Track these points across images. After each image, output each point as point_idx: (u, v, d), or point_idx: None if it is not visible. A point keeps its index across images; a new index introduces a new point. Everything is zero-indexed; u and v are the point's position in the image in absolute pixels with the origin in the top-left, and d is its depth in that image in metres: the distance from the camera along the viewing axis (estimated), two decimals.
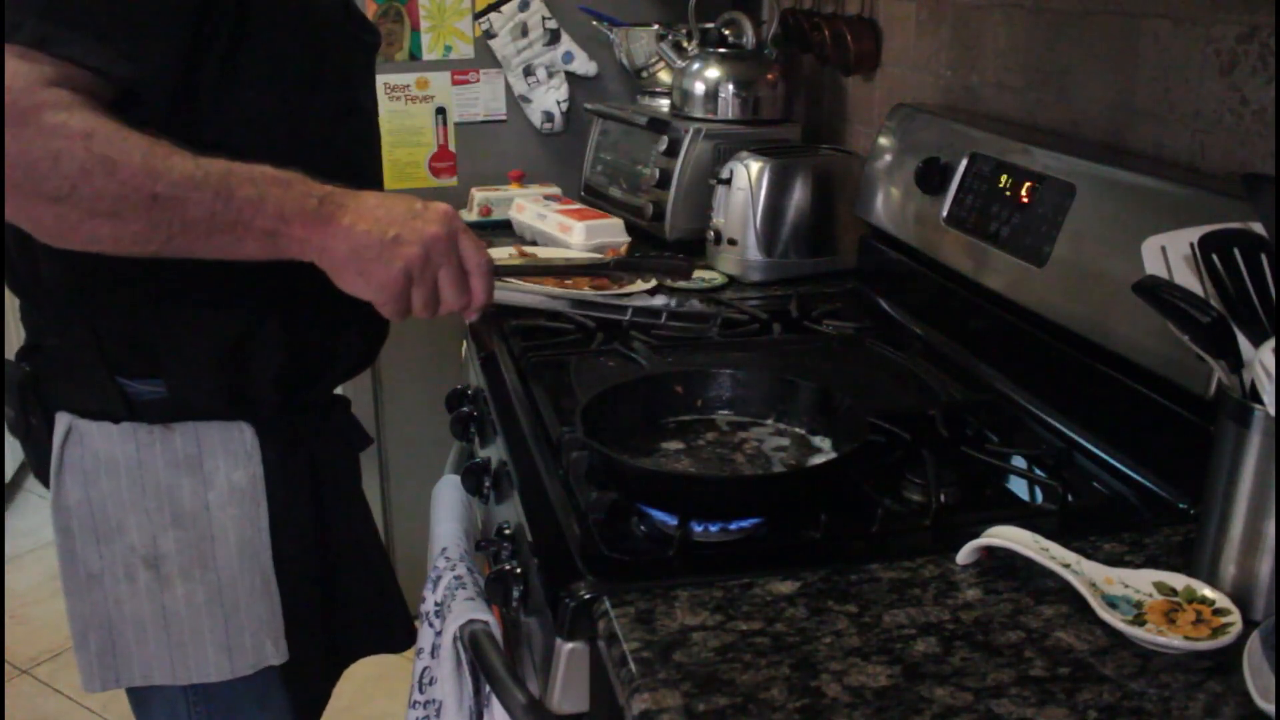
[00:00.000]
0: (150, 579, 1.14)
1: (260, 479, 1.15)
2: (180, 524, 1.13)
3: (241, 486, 1.14)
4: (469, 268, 1.00)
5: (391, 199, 0.98)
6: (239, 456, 1.14)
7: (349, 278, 0.96)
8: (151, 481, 1.12)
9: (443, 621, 1.11)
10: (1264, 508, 0.87)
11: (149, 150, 0.89)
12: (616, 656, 0.85)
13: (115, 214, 0.88)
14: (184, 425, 1.12)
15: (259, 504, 1.15)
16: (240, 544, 1.15)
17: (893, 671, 0.82)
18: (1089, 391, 1.24)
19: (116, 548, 1.13)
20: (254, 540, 1.16)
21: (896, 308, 1.67)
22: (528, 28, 2.35)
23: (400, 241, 0.95)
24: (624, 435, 1.15)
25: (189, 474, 1.13)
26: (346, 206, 0.95)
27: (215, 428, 1.13)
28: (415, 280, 0.97)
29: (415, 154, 2.41)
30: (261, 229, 0.93)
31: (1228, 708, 0.78)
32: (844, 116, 2.14)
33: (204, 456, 1.13)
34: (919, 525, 1.04)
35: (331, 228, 0.95)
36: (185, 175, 0.90)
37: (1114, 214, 1.23)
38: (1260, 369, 0.85)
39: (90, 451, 1.11)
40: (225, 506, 1.14)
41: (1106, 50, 1.38)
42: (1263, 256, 0.88)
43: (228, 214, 0.91)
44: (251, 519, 1.15)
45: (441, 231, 0.98)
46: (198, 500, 1.13)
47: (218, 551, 1.14)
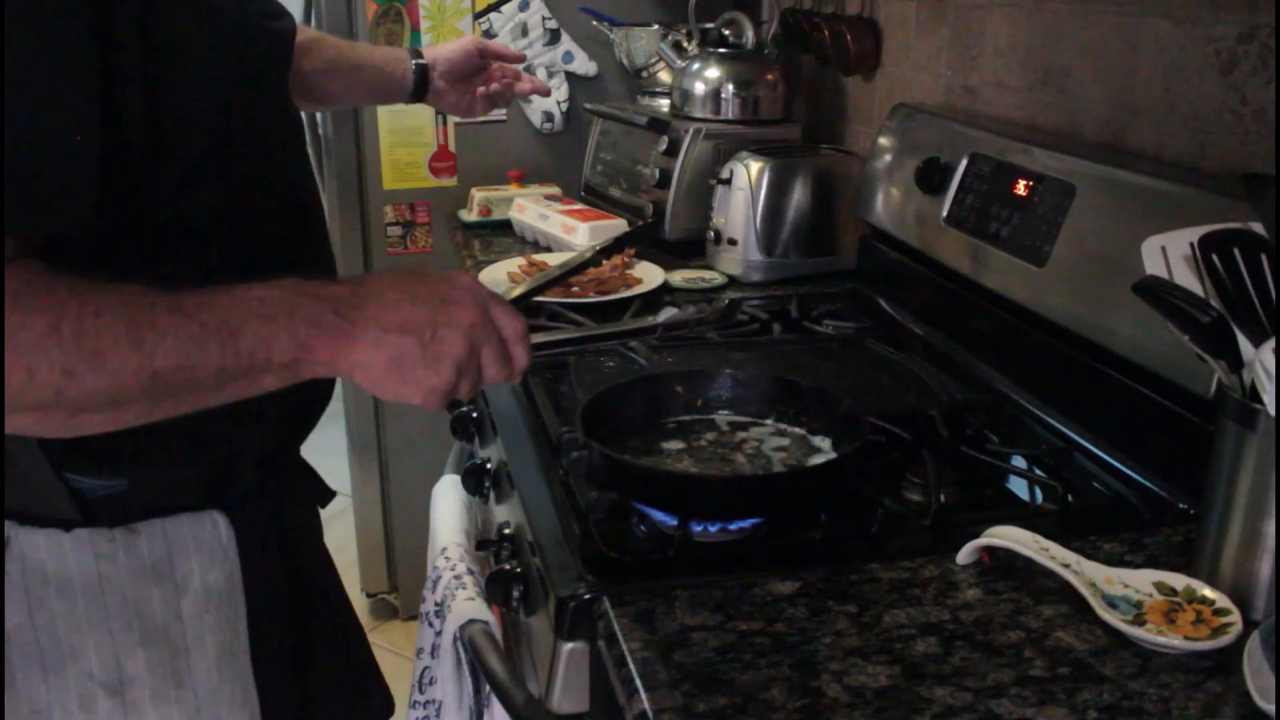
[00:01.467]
0: (113, 708, 0.97)
1: (238, 575, 1.01)
2: (150, 641, 0.97)
3: (219, 588, 1.00)
4: (507, 336, 0.89)
5: (412, 285, 0.85)
6: (214, 553, 0.99)
7: (394, 387, 0.84)
8: (115, 597, 0.95)
9: (443, 621, 1.11)
10: (1264, 508, 0.87)
11: (131, 319, 0.75)
12: (616, 656, 0.85)
13: (112, 405, 0.76)
14: (148, 525, 0.96)
15: (237, 604, 1.02)
16: (219, 653, 1.01)
17: (893, 671, 0.82)
18: (1089, 391, 1.24)
19: (69, 677, 0.96)
20: (232, 645, 1.02)
21: (896, 308, 1.67)
22: (528, 28, 2.36)
23: (440, 338, 0.83)
24: (624, 435, 1.15)
25: (158, 582, 0.97)
26: (367, 310, 0.82)
27: (185, 523, 0.98)
28: (463, 371, 0.86)
29: (415, 154, 2.41)
30: (280, 365, 0.80)
31: (1228, 708, 0.78)
32: (844, 116, 2.14)
33: (175, 559, 0.97)
34: (919, 525, 1.04)
35: (360, 344, 0.81)
36: (181, 338, 0.76)
37: (1114, 214, 1.23)
38: (1260, 369, 0.85)
39: (35, 566, 0.93)
40: (202, 614, 0.99)
41: (1106, 50, 1.38)
42: (1263, 256, 0.88)
43: (238, 363, 0.78)
44: (230, 623, 1.01)
45: (478, 314, 0.86)
46: (169, 611, 0.98)
47: (194, 665, 1.00)
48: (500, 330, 0.88)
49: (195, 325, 0.76)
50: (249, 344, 0.78)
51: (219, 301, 0.78)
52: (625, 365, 1.44)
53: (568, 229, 1.96)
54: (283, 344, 0.79)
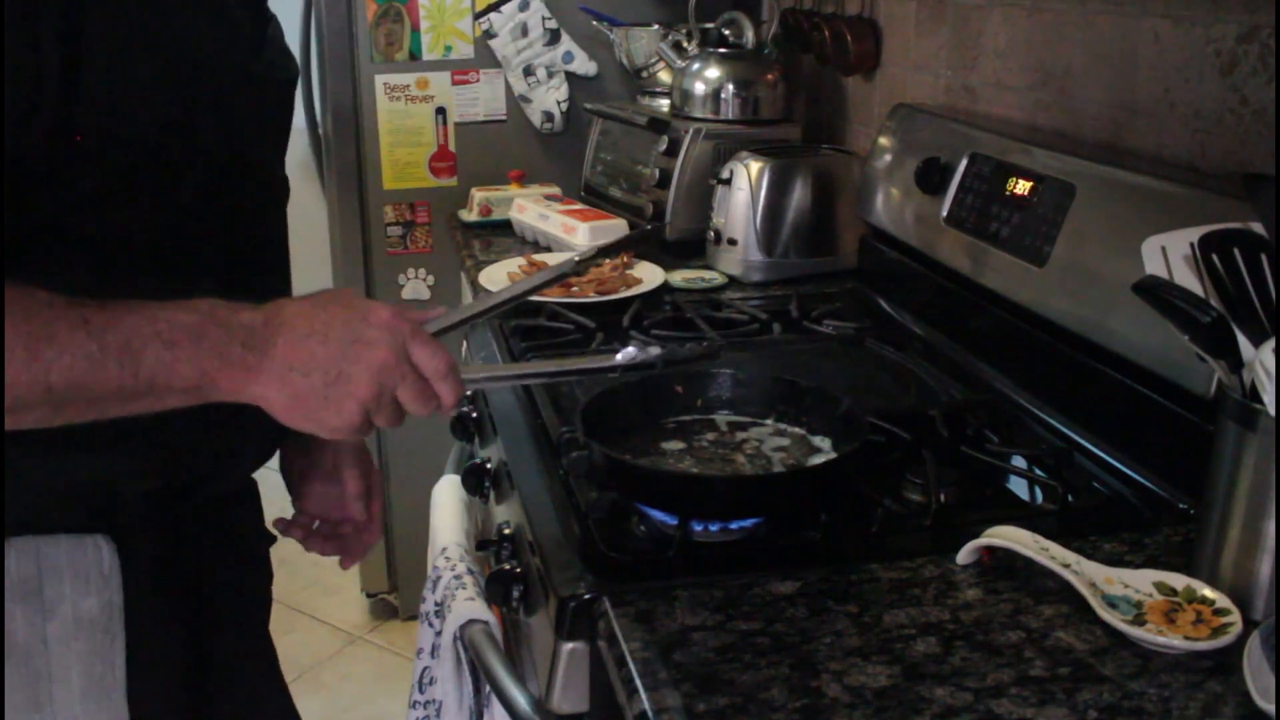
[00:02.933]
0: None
1: (118, 607, 0.95)
2: (10, 661, 0.92)
3: (92, 617, 0.94)
4: (428, 374, 0.86)
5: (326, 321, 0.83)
6: (91, 581, 0.93)
7: (296, 421, 0.84)
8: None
9: (443, 621, 1.11)
10: (1264, 508, 0.87)
11: (30, 333, 0.75)
12: (616, 656, 0.85)
13: (11, 411, 0.76)
14: (21, 541, 0.91)
15: (114, 637, 0.95)
16: (85, 683, 0.95)
17: (893, 671, 0.82)
18: (1089, 391, 1.24)
19: None
20: (104, 677, 0.96)
21: (896, 308, 1.67)
22: (528, 28, 2.35)
23: (345, 378, 0.82)
24: (624, 435, 1.15)
25: (24, 602, 0.92)
26: (274, 345, 0.81)
27: (62, 545, 0.93)
28: (373, 410, 0.84)
29: (415, 154, 2.41)
30: (182, 389, 0.80)
31: (1228, 708, 0.78)
32: (844, 116, 2.14)
33: (45, 581, 0.92)
34: (919, 525, 1.04)
35: (263, 377, 0.81)
36: (80, 354, 0.76)
37: (1114, 214, 1.23)
38: (1260, 369, 0.85)
39: None
40: (69, 641, 0.93)
41: (1106, 50, 1.38)
42: (1263, 256, 0.88)
43: (138, 385, 0.78)
44: (102, 653, 0.95)
45: (390, 355, 0.83)
46: (34, 634, 0.92)
47: (56, 693, 0.94)
48: (419, 368, 0.86)
49: (95, 345, 0.76)
50: (149, 368, 0.78)
51: (125, 321, 0.78)
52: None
53: (568, 229, 1.96)
54: (184, 372, 0.79)
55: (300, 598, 2.84)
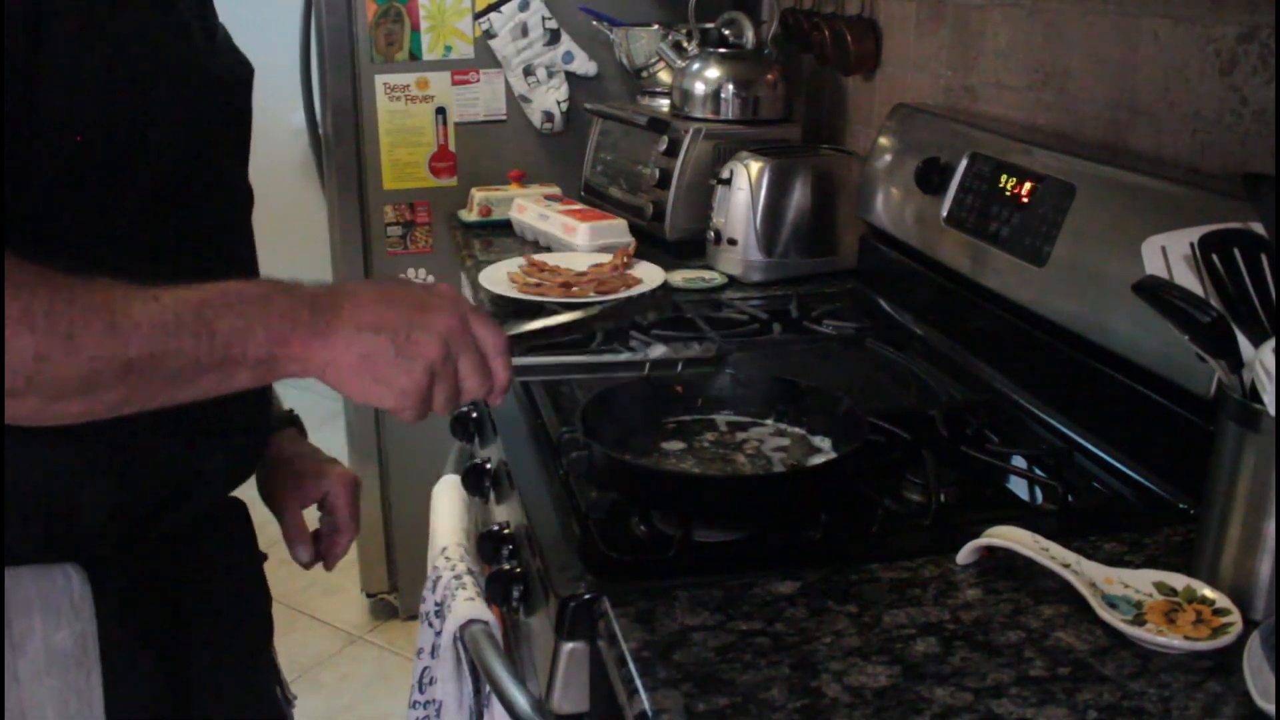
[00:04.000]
0: None
1: (92, 638, 0.90)
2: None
3: (65, 650, 0.90)
4: (486, 350, 0.87)
5: (389, 290, 0.86)
6: (62, 612, 0.89)
7: (364, 386, 0.83)
8: None
9: (443, 621, 1.11)
10: (1264, 508, 0.87)
11: (106, 305, 0.74)
12: (616, 656, 0.85)
13: (87, 390, 0.75)
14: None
15: (89, 672, 0.91)
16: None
17: (893, 671, 0.82)
18: (1089, 391, 1.24)
19: None
20: (81, 715, 0.92)
21: (896, 308, 1.67)
22: (528, 28, 2.35)
23: (414, 341, 0.83)
24: (624, 435, 1.15)
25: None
26: (342, 309, 0.82)
27: (27, 576, 0.88)
28: (438, 377, 0.84)
29: (415, 154, 2.41)
30: (255, 358, 0.79)
31: (1228, 708, 0.78)
32: (844, 116, 2.14)
33: (12, 615, 0.88)
34: (919, 525, 1.04)
35: (334, 340, 0.81)
36: (157, 326, 0.75)
37: (1114, 214, 1.23)
38: (1260, 369, 0.85)
39: None
40: (41, 678, 0.89)
41: (1106, 50, 1.38)
42: (1263, 256, 0.88)
43: (213, 354, 0.77)
44: (78, 691, 0.91)
45: (456, 320, 0.85)
46: (3, 670, 0.88)
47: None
48: (480, 342, 0.87)
49: (170, 315, 0.76)
50: (224, 336, 0.77)
51: (194, 295, 0.78)
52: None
53: (568, 229, 1.96)
54: (258, 338, 0.79)
55: (300, 598, 2.84)
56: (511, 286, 1.73)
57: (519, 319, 1.24)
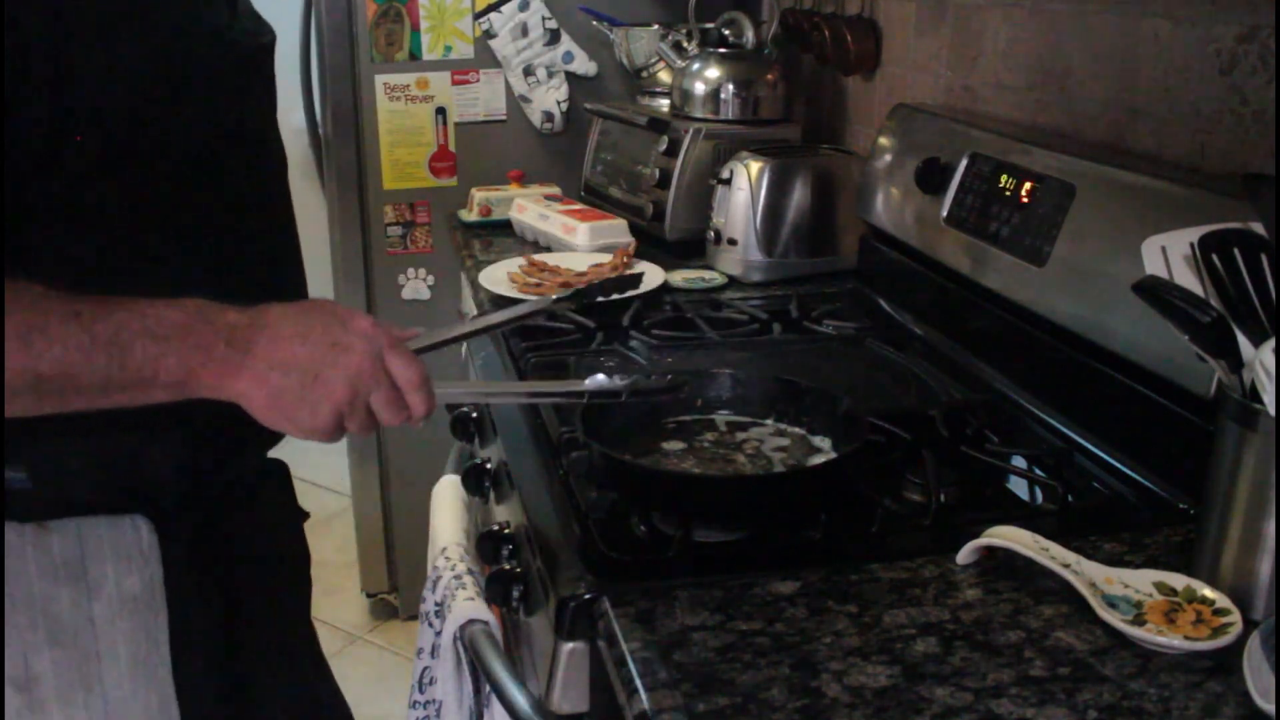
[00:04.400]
0: (21, 704, 0.97)
1: (159, 584, 0.98)
2: (58, 642, 0.96)
3: (135, 594, 0.97)
4: (401, 385, 0.89)
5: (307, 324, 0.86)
6: (132, 559, 0.97)
7: (273, 419, 0.86)
8: (22, 593, 0.94)
9: (443, 621, 1.11)
10: (1264, 508, 0.87)
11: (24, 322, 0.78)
12: (616, 656, 0.85)
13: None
14: (62, 524, 0.95)
15: (157, 613, 0.99)
16: (132, 661, 0.98)
17: (893, 671, 0.82)
18: (1089, 391, 1.24)
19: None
20: (149, 655, 0.99)
21: (896, 308, 1.67)
22: (528, 28, 2.35)
23: (323, 381, 0.85)
24: (624, 435, 1.15)
25: (69, 583, 0.95)
26: (256, 345, 0.84)
27: (102, 525, 0.96)
28: (346, 416, 0.87)
29: (415, 154, 2.41)
30: (166, 383, 0.83)
31: (1228, 708, 0.78)
32: (844, 116, 2.14)
33: (88, 561, 0.95)
34: (919, 525, 1.04)
35: (245, 375, 0.84)
36: (71, 345, 0.79)
37: (1114, 214, 1.23)
38: (1260, 369, 0.85)
39: None
40: (114, 619, 0.97)
41: (1106, 50, 1.38)
42: (1263, 256, 0.88)
43: (124, 376, 0.81)
44: (147, 630, 0.99)
45: (366, 362, 0.87)
46: (80, 613, 0.96)
47: (104, 672, 0.98)
48: (394, 379, 0.89)
49: (86, 336, 0.79)
50: (136, 361, 0.81)
51: (115, 315, 0.81)
52: (625, 365, 1.44)
53: (568, 229, 1.96)
54: (170, 366, 0.82)
55: None
56: (511, 286, 1.73)
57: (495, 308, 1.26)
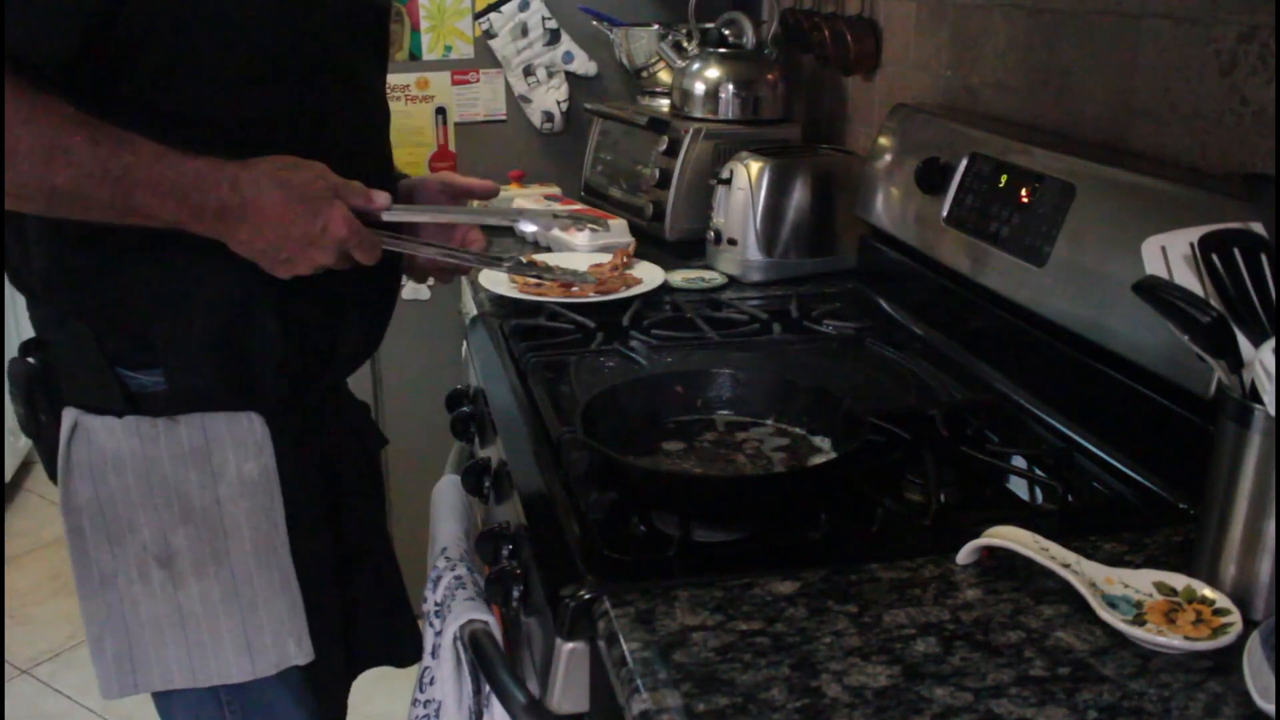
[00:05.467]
0: (164, 578, 1.10)
1: (273, 470, 1.11)
2: (190, 520, 1.09)
3: (253, 479, 1.11)
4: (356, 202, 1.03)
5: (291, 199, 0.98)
6: (249, 447, 1.10)
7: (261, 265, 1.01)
8: (158, 477, 1.09)
9: (443, 621, 1.11)
10: (1264, 508, 0.87)
11: (51, 137, 0.90)
12: (616, 656, 0.85)
13: (16, 197, 0.92)
14: (189, 417, 1.09)
15: (273, 496, 1.12)
16: (255, 539, 1.11)
17: (893, 671, 0.82)
18: (1089, 391, 1.24)
19: (129, 547, 1.10)
20: (270, 535, 1.12)
21: (896, 308, 1.67)
22: (528, 28, 2.36)
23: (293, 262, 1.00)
24: (624, 435, 1.15)
25: (196, 468, 1.09)
26: (245, 217, 0.97)
27: (222, 419, 1.10)
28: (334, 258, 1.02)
29: (415, 154, 2.41)
30: (164, 222, 0.97)
31: (1228, 708, 0.78)
32: (844, 116, 2.14)
33: (211, 449, 1.09)
34: (919, 525, 1.04)
35: (231, 238, 0.99)
36: (84, 172, 0.91)
37: (1114, 214, 1.23)
38: (1260, 369, 0.85)
39: (96, 448, 1.08)
40: (237, 500, 1.10)
41: (1106, 50, 1.38)
42: (1263, 256, 0.88)
43: (123, 210, 0.94)
44: (266, 512, 1.12)
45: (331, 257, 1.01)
46: (207, 495, 1.10)
47: (231, 547, 1.11)
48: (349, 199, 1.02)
49: (99, 169, 0.91)
50: (135, 204, 0.94)
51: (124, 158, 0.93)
52: (625, 365, 1.44)
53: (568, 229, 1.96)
54: (165, 218, 0.96)
55: None
56: (511, 287, 1.73)
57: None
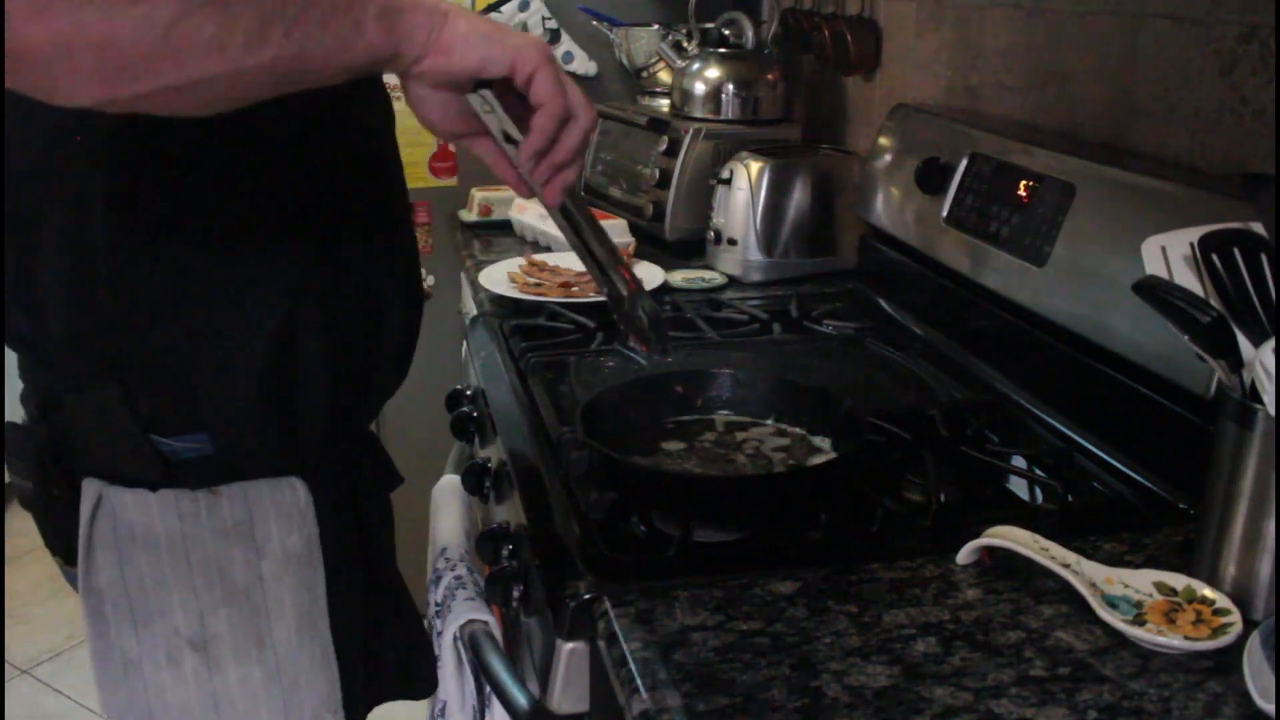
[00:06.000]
0: (198, 663, 1.02)
1: (315, 540, 1.04)
2: (232, 600, 1.01)
3: (297, 552, 1.03)
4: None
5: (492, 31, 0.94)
6: (292, 518, 1.02)
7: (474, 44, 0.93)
8: (198, 555, 1.00)
9: (443, 622, 1.11)
10: (1264, 508, 0.87)
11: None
12: (616, 656, 0.85)
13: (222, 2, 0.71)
14: (230, 488, 1.00)
15: (315, 568, 1.04)
16: (299, 615, 1.04)
17: (893, 671, 0.82)
18: (1089, 391, 1.24)
19: (157, 631, 1.01)
20: (311, 608, 1.05)
21: (896, 308, 1.67)
22: (528, 28, 2.36)
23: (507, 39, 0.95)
24: (624, 435, 1.15)
25: (240, 543, 1.01)
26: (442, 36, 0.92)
27: (265, 487, 1.01)
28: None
29: (415, 154, 2.41)
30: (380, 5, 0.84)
31: (1228, 708, 0.78)
32: (844, 116, 2.14)
33: (255, 522, 1.01)
34: (919, 525, 1.04)
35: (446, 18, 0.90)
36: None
37: (1114, 214, 1.23)
38: (1260, 369, 0.85)
39: (124, 524, 0.98)
40: (280, 576, 1.03)
41: (1106, 50, 1.38)
42: (1263, 256, 0.88)
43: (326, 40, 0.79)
44: (309, 585, 1.04)
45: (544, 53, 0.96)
46: (251, 572, 1.01)
47: (275, 627, 1.03)
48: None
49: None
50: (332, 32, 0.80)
51: None
52: (625, 365, 1.44)
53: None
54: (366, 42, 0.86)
55: None
56: (512, 286, 1.73)
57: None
